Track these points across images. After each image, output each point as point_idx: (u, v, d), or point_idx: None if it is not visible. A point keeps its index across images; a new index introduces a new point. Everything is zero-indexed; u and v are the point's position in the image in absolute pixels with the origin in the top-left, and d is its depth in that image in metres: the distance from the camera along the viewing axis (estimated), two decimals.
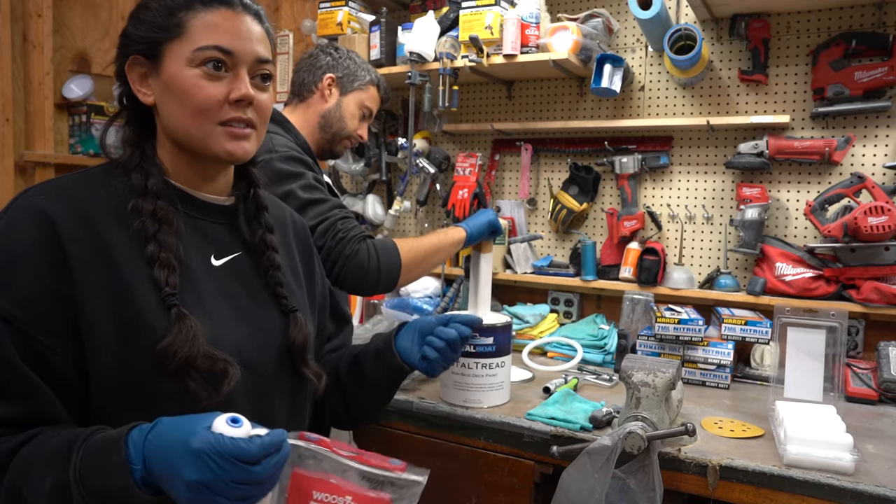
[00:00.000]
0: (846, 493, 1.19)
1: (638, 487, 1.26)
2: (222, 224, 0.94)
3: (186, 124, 0.86)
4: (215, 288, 0.89)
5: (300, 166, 1.41)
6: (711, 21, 2.07)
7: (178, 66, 0.84)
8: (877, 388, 1.69)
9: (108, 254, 0.80)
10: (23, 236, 0.77)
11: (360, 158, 2.50)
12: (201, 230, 0.91)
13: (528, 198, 2.38)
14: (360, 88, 1.62)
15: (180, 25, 0.85)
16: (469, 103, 2.50)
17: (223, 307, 0.88)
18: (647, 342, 1.88)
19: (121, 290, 0.79)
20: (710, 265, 2.12)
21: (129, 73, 0.87)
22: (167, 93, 0.85)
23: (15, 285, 0.75)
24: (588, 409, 1.52)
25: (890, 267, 1.76)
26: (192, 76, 0.84)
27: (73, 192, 0.82)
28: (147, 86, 0.87)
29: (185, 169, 0.90)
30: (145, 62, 0.86)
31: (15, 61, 2.03)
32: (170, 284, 0.81)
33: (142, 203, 0.83)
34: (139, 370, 0.78)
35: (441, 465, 1.56)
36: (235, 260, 0.93)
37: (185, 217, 0.88)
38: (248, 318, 0.91)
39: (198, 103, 0.84)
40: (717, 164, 2.10)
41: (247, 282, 0.94)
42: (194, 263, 0.87)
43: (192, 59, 0.84)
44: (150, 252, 0.81)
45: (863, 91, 1.85)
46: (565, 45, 2.04)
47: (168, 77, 0.85)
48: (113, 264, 0.80)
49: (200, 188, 0.92)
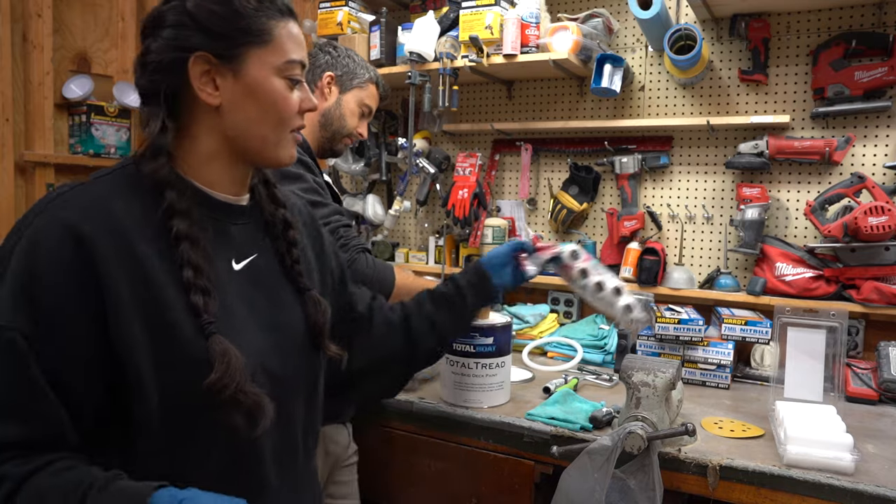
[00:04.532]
0: (846, 493, 1.19)
1: (638, 487, 1.26)
2: (241, 225, 0.92)
3: (266, 131, 0.86)
4: (237, 294, 0.87)
5: (300, 168, 1.41)
6: (711, 21, 2.07)
7: (264, 73, 0.84)
8: (877, 388, 1.69)
9: (142, 270, 0.77)
10: (50, 256, 0.73)
11: (360, 158, 2.50)
12: (224, 233, 0.89)
13: (528, 198, 2.38)
14: (359, 86, 1.62)
15: (268, 32, 0.84)
16: (469, 103, 2.50)
17: (245, 314, 0.87)
18: (647, 342, 1.88)
19: (155, 309, 0.77)
20: (710, 265, 2.12)
21: (192, 68, 0.81)
22: (249, 98, 0.84)
23: (40, 307, 0.72)
24: (588, 409, 1.52)
25: (890, 267, 1.76)
26: (281, 86, 0.85)
27: (101, 203, 0.77)
28: (212, 86, 0.83)
29: (219, 171, 0.87)
30: (215, 61, 0.82)
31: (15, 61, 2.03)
32: (208, 311, 0.79)
33: (181, 226, 0.79)
34: (177, 396, 0.78)
35: (441, 465, 1.56)
36: (253, 262, 0.92)
37: (209, 221, 0.86)
38: (268, 322, 0.90)
39: (284, 113, 0.86)
40: (717, 164, 2.10)
41: (265, 282, 0.92)
42: (218, 271, 0.85)
43: (281, 70, 0.85)
44: (187, 277, 0.79)
45: (863, 91, 1.85)
46: (565, 45, 2.04)
47: (252, 83, 0.84)
48: (146, 281, 0.77)
49: (225, 190, 0.89)
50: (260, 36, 0.83)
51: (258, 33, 0.83)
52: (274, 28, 0.84)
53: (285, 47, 0.85)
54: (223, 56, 0.82)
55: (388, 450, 1.65)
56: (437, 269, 2.41)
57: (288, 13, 0.87)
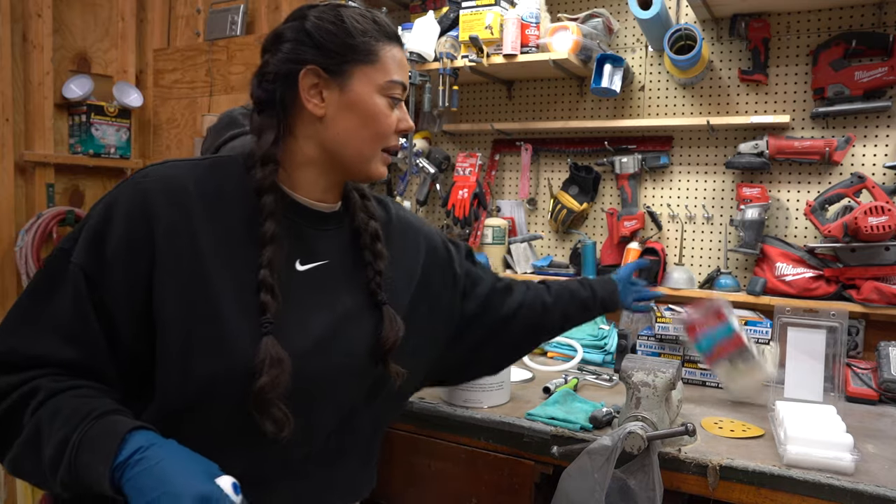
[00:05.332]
0: (846, 493, 1.19)
1: (638, 487, 1.26)
2: (321, 230, 0.96)
3: (361, 144, 0.92)
4: (293, 293, 0.89)
5: None
6: (711, 21, 2.07)
7: (367, 90, 0.90)
8: (877, 388, 1.69)
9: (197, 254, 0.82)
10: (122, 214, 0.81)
11: None
12: (296, 234, 0.93)
13: (528, 198, 2.38)
14: None
15: (374, 52, 0.91)
16: (469, 103, 2.50)
17: (296, 314, 0.89)
18: (647, 342, 1.88)
19: (201, 290, 0.82)
20: (710, 265, 2.12)
21: (302, 80, 0.89)
22: (350, 112, 0.91)
23: (104, 254, 0.80)
24: (588, 409, 1.52)
25: (890, 267, 1.76)
26: (383, 104, 0.92)
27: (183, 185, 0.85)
28: (318, 97, 0.90)
29: (311, 177, 0.94)
30: (324, 75, 0.89)
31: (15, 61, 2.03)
32: (270, 311, 0.84)
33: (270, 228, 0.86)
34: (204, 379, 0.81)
35: (441, 465, 1.56)
36: (322, 267, 0.95)
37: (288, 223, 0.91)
38: (316, 330, 0.91)
39: (382, 129, 0.92)
40: (717, 164, 2.10)
41: (329, 290, 0.95)
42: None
43: (384, 88, 0.91)
44: (263, 277, 0.84)
45: (863, 91, 1.85)
46: (565, 45, 2.04)
47: (356, 98, 0.90)
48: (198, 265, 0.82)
49: (311, 195, 0.95)
50: (367, 55, 0.90)
51: (366, 53, 0.90)
52: (380, 50, 0.91)
53: (389, 68, 0.92)
54: (332, 71, 0.89)
55: (388, 450, 1.65)
56: None
57: (395, 38, 0.95)
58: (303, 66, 0.89)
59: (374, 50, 0.91)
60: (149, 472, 0.69)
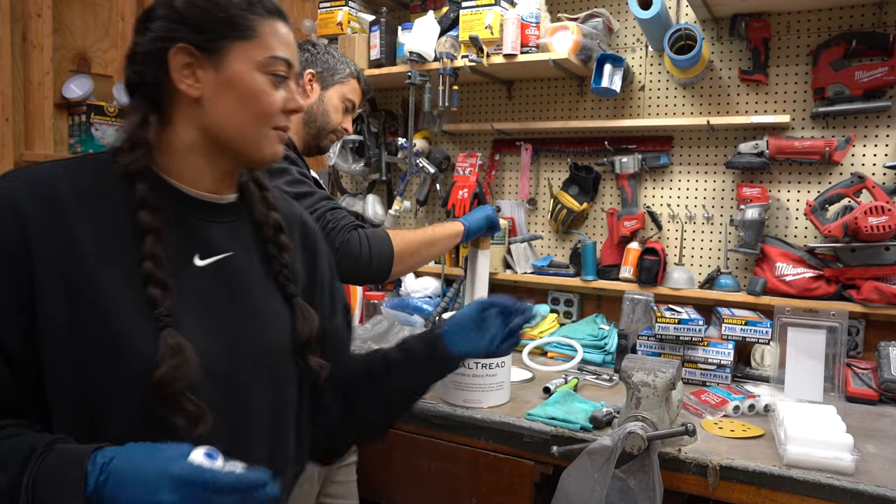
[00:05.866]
0: (846, 493, 1.19)
1: (638, 487, 1.26)
2: (218, 223, 0.91)
3: (244, 125, 0.86)
4: (192, 291, 0.84)
5: (284, 162, 1.40)
6: (711, 21, 2.07)
7: (245, 67, 0.85)
8: (877, 388, 1.69)
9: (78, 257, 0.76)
10: None
11: (360, 158, 2.50)
12: (189, 228, 0.87)
13: (528, 198, 2.38)
14: (340, 82, 1.62)
15: (252, 28, 0.85)
16: (469, 103, 2.50)
17: (198, 314, 0.84)
18: (647, 342, 1.88)
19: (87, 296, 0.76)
20: (711, 265, 2.12)
21: (172, 59, 0.82)
22: (228, 91, 0.85)
23: None
24: (588, 409, 1.52)
25: (890, 267, 1.76)
26: (263, 82, 0.86)
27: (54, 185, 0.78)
28: (193, 77, 0.84)
29: (198, 165, 0.88)
30: (197, 54, 0.83)
31: (15, 61, 2.03)
32: (164, 304, 0.78)
33: (149, 219, 0.80)
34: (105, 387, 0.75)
35: (441, 465, 1.56)
36: (224, 261, 0.89)
37: (176, 216, 0.85)
38: (223, 326, 0.86)
39: (264, 108, 0.86)
40: (717, 164, 2.10)
41: (235, 283, 0.90)
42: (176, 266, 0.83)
43: (264, 65, 0.86)
44: (147, 270, 0.78)
45: (863, 91, 1.85)
46: (565, 44, 2.04)
47: (233, 76, 0.84)
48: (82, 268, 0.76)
49: (202, 186, 0.89)
50: (243, 31, 0.84)
51: (242, 28, 0.84)
52: (259, 25, 0.85)
53: (269, 43, 0.86)
54: (205, 48, 0.83)
55: (388, 450, 1.65)
56: (437, 269, 2.41)
57: (277, 13, 0.88)
58: (172, 44, 0.82)
59: (251, 25, 0.85)
60: (122, 484, 0.66)
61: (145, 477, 0.66)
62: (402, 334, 1.93)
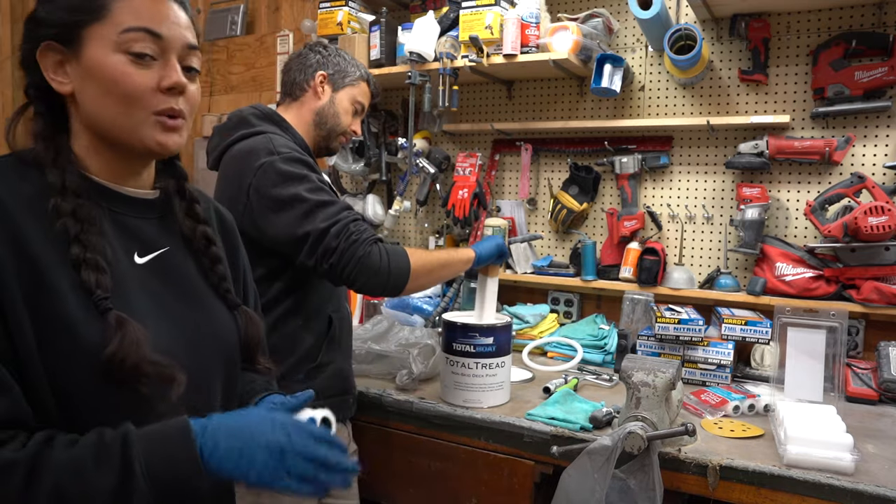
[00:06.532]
0: (846, 493, 1.19)
1: (638, 487, 1.26)
2: (147, 219, 0.89)
3: (114, 114, 0.80)
4: (140, 288, 0.83)
5: (304, 168, 1.41)
6: (711, 21, 2.07)
7: (102, 51, 0.79)
8: (877, 388, 1.69)
9: (25, 252, 0.74)
10: None
11: (360, 158, 2.50)
12: (123, 226, 0.85)
13: (528, 198, 2.38)
14: (351, 84, 1.63)
15: (102, 7, 0.79)
16: (469, 103, 2.50)
17: (150, 308, 0.83)
18: (647, 342, 1.88)
19: (42, 294, 0.74)
20: (710, 265, 2.12)
21: (41, 60, 0.80)
22: (89, 81, 0.80)
23: None
24: (588, 409, 1.52)
25: (890, 267, 1.76)
26: (119, 62, 0.79)
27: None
28: (63, 74, 0.81)
29: (106, 162, 0.85)
30: (61, 48, 0.80)
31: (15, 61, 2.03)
32: (101, 287, 0.76)
33: (61, 202, 0.77)
34: (72, 380, 0.75)
35: (441, 465, 1.56)
36: (162, 256, 0.88)
37: (106, 213, 0.83)
38: (177, 318, 0.86)
39: (127, 91, 0.79)
40: (717, 164, 2.10)
41: (176, 279, 0.89)
42: (116, 263, 0.81)
43: (119, 44, 0.79)
44: (75, 254, 0.76)
45: (863, 91, 1.85)
46: (565, 45, 2.04)
47: (91, 64, 0.79)
48: (31, 264, 0.74)
49: (121, 182, 0.87)
50: (95, 13, 0.79)
51: (93, 10, 0.79)
52: (112, 2, 0.79)
53: (122, 19, 0.79)
54: (66, 41, 0.79)
55: (388, 449, 1.65)
56: None
57: None
58: (38, 44, 0.79)
59: (102, 4, 0.78)
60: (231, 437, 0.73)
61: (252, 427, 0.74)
62: (401, 334, 1.93)
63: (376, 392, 1.67)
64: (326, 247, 1.34)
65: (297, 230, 1.35)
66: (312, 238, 1.35)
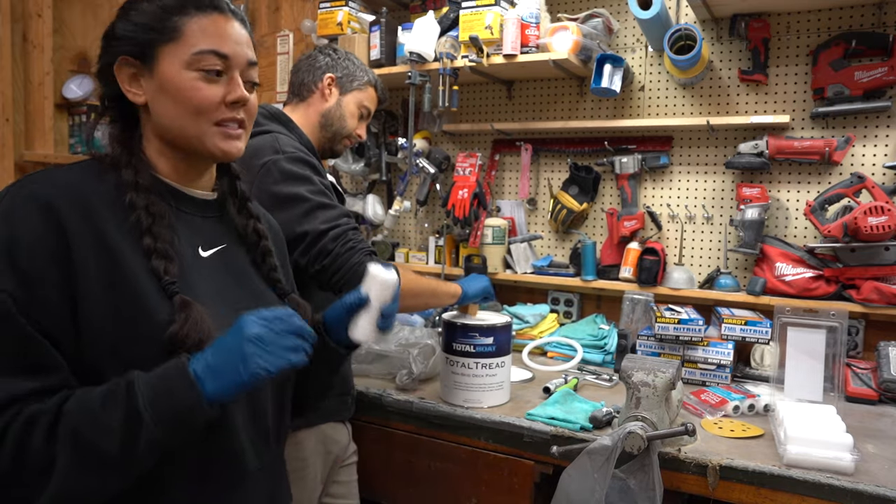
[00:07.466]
0: (846, 493, 1.19)
1: (638, 487, 1.26)
2: (209, 217, 0.99)
3: (182, 124, 0.90)
4: (205, 278, 0.92)
5: (307, 169, 1.42)
6: (711, 21, 2.07)
7: (174, 68, 0.88)
8: (877, 388, 1.69)
9: (105, 243, 0.83)
10: (25, 223, 0.79)
11: (360, 158, 2.50)
12: (188, 223, 0.94)
13: (528, 198, 2.38)
14: (358, 88, 1.63)
15: (176, 29, 0.89)
16: (469, 103, 2.50)
17: (214, 296, 0.91)
18: (647, 342, 1.88)
19: (119, 279, 0.82)
20: (710, 265, 2.12)
21: (118, 73, 0.90)
22: (162, 93, 0.89)
23: (22, 268, 0.78)
24: (588, 409, 1.52)
25: (890, 267, 1.76)
26: (190, 78, 0.89)
27: (69, 182, 0.85)
28: (138, 86, 0.91)
29: (173, 165, 0.94)
30: (136, 63, 0.90)
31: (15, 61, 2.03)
32: (169, 273, 0.85)
33: (136, 197, 0.86)
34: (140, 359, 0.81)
35: (441, 464, 1.56)
36: (222, 252, 0.98)
37: (173, 211, 0.92)
38: (237, 307, 0.92)
39: (195, 104, 0.89)
40: (717, 164, 2.10)
41: (235, 271, 0.98)
42: (183, 254, 0.91)
43: (190, 62, 0.88)
44: (147, 244, 0.85)
45: (863, 91, 1.85)
46: (565, 45, 2.04)
47: (164, 79, 0.89)
48: (110, 254, 0.82)
49: (186, 183, 0.96)
50: (168, 34, 0.89)
51: (166, 31, 0.89)
52: (184, 25, 0.89)
53: (194, 41, 0.89)
54: (142, 57, 0.89)
55: (388, 449, 1.65)
56: (437, 269, 2.42)
57: (209, 8, 0.91)
58: (116, 59, 0.90)
59: (175, 27, 0.89)
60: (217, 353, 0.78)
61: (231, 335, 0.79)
62: (401, 334, 1.93)
63: (376, 392, 1.67)
64: (322, 248, 1.35)
65: (295, 228, 1.35)
66: (310, 238, 1.35)
